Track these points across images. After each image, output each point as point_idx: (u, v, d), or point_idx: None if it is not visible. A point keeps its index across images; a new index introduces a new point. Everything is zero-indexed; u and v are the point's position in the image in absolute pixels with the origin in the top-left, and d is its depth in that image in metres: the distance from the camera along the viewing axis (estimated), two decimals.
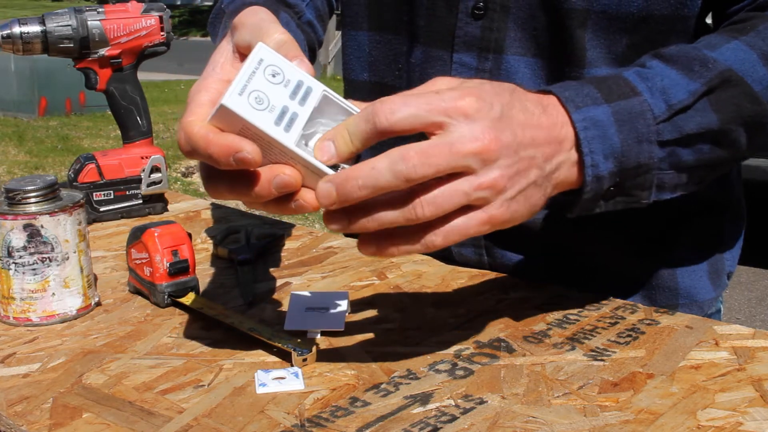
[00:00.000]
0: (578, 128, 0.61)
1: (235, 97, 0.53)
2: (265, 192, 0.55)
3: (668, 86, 0.64)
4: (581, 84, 0.64)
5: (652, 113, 0.63)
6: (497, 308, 0.75)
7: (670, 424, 0.55)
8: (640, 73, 0.65)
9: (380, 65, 0.87)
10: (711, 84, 0.64)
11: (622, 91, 0.63)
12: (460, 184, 0.55)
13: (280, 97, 0.55)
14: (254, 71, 0.54)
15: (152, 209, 1.08)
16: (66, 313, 0.74)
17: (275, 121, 0.54)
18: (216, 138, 0.54)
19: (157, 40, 1.07)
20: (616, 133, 0.62)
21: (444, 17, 0.79)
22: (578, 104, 0.62)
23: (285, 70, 0.56)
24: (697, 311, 0.83)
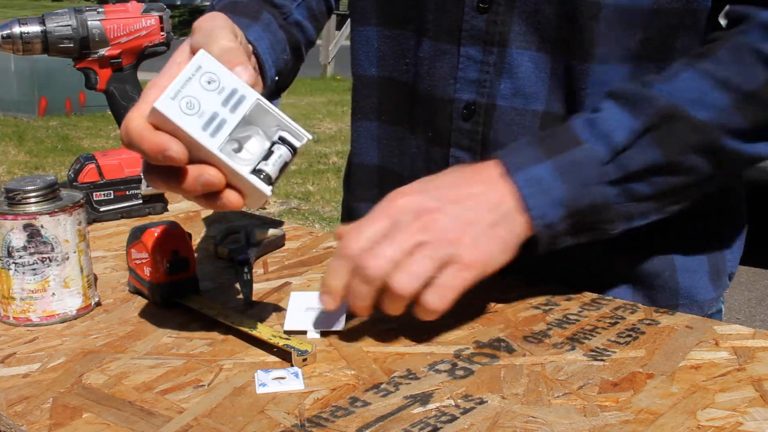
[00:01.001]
0: (520, 188, 0.68)
1: (167, 101, 0.58)
2: (191, 188, 0.61)
3: (612, 129, 0.69)
4: (526, 144, 0.71)
5: (597, 158, 0.69)
6: (497, 308, 0.75)
7: (670, 424, 0.55)
8: (587, 120, 0.71)
9: (389, 60, 0.88)
10: (652, 121, 0.69)
11: (565, 144, 0.70)
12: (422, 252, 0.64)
13: (212, 104, 0.59)
14: (190, 77, 0.59)
15: (152, 209, 1.08)
16: (66, 313, 0.74)
17: (203, 126, 0.59)
18: (149, 135, 0.59)
19: (157, 40, 1.07)
20: (560, 185, 0.68)
21: (451, 11, 0.80)
22: (520, 166, 0.69)
23: (221, 78, 0.60)
24: (697, 311, 0.83)
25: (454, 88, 0.81)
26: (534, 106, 0.78)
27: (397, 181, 0.90)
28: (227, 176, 0.61)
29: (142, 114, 0.60)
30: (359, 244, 0.65)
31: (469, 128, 0.81)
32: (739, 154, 0.71)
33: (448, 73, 0.81)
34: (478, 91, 0.80)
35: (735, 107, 0.69)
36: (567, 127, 0.71)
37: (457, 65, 0.80)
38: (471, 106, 0.80)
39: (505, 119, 0.79)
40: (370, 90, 0.90)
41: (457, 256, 0.65)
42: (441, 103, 0.82)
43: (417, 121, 0.86)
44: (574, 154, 0.69)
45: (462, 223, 0.66)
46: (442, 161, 0.84)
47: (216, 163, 0.60)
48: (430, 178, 0.70)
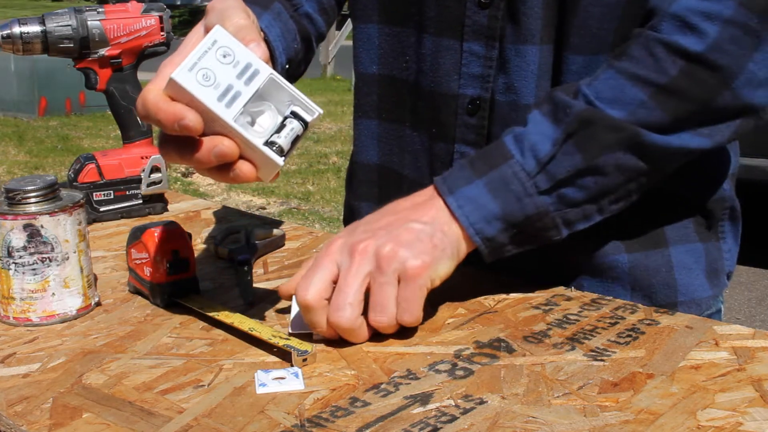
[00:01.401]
0: (452, 208, 0.71)
1: (184, 72, 0.60)
2: (205, 158, 0.62)
3: (537, 141, 0.71)
4: (460, 168, 0.73)
5: (525, 172, 0.71)
6: (497, 308, 0.75)
7: (670, 424, 0.55)
8: (516, 134, 0.73)
9: (389, 58, 0.88)
10: (570, 129, 0.71)
11: (495, 161, 0.72)
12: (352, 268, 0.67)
13: (227, 76, 0.61)
14: (206, 50, 0.61)
15: (152, 209, 1.08)
16: (66, 313, 0.74)
17: (218, 97, 0.60)
18: (165, 105, 0.60)
19: (157, 40, 1.07)
20: (492, 200, 0.71)
21: (453, 7, 0.80)
22: (452, 189, 0.72)
23: (236, 52, 0.62)
24: (696, 310, 0.83)
25: (458, 83, 0.82)
26: (524, 100, 0.79)
27: (396, 179, 0.90)
28: (241, 148, 0.62)
29: (158, 86, 0.62)
30: (314, 295, 0.67)
31: (475, 123, 0.81)
32: (664, 147, 0.72)
33: (452, 69, 0.82)
34: (482, 86, 0.80)
35: (652, 102, 0.70)
36: (498, 144, 0.73)
37: (460, 61, 0.81)
38: (476, 101, 0.81)
39: (502, 114, 0.80)
40: (370, 88, 0.90)
41: (403, 270, 0.67)
42: (445, 99, 0.83)
43: (420, 118, 0.86)
44: (503, 171, 0.71)
45: (394, 239, 0.68)
46: (446, 157, 0.84)
47: (230, 134, 0.61)
48: (359, 221, 0.73)
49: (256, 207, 4.82)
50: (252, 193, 5.14)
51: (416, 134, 0.87)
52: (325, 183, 5.35)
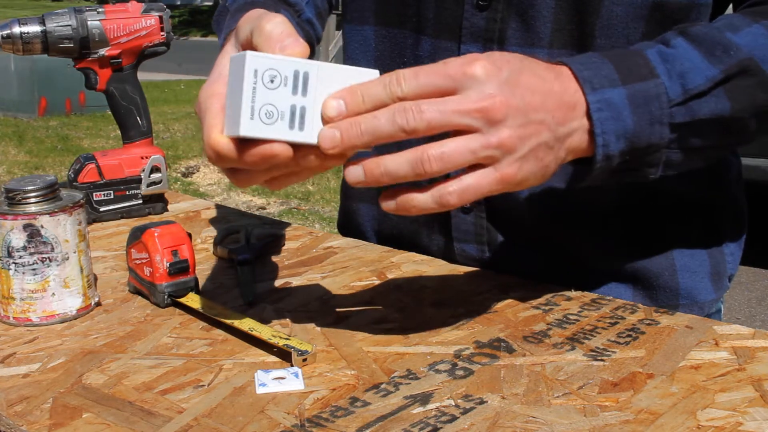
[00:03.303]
0: (592, 109, 0.63)
1: (248, 124, 0.57)
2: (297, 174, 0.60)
3: (687, 70, 0.65)
4: (601, 61, 0.65)
5: (667, 96, 0.65)
6: (497, 308, 0.75)
7: (670, 424, 0.55)
8: (662, 53, 0.66)
9: (385, 59, 0.88)
10: (729, 72, 0.66)
11: (641, 72, 0.65)
12: (468, 142, 0.58)
13: (285, 99, 0.58)
14: (254, 86, 0.57)
15: (152, 209, 1.08)
16: (66, 313, 0.74)
17: (289, 126, 0.58)
18: (247, 150, 0.57)
19: (157, 40, 1.07)
20: (630, 115, 0.64)
21: (451, 9, 0.80)
22: (594, 86, 0.63)
23: (279, 69, 0.58)
24: (697, 312, 0.83)
25: None
26: None
27: None
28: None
29: (221, 129, 0.58)
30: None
31: None
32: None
33: None
34: None
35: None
36: (639, 53, 0.66)
37: None
38: None
39: None
40: None
41: (498, 163, 0.59)
42: None
43: None
44: (648, 86, 0.64)
45: (524, 131, 0.59)
46: None
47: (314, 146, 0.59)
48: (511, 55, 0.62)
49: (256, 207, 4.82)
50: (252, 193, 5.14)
51: None
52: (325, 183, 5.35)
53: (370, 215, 0.95)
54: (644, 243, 0.82)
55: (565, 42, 0.76)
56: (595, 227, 0.82)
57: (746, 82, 0.66)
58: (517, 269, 0.83)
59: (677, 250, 0.83)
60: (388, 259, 0.88)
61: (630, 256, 0.82)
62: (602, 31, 0.74)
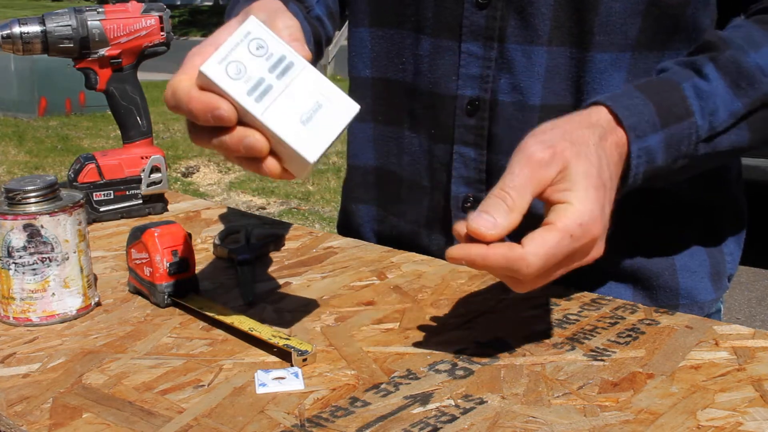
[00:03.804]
0: (632, 157, 0.66)
1: (213, 65, 0.58)
2: (235, 148, 0.59)
3: (716, 107, 0.68)
4: (644, 103, 0.67)
5: (696, 134, 0.68)
6: (497, 308, 0.75)
7: (670, 424, 0.55)
8: (697, 89, 0.68)
9: (382, 60, 0.88)
10: (753, 106, 0.68)
11: (679, 112, 0.68)
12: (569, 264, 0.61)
13: (259, 69, 0.59)
14: (239, 43, 0.59)
15: (152, 209, 1.08)
16: (66, 313, 0.74)
17: (248, 91, 0.58)
18: (197, 95, 0.58)
19: (157, 40, 1.07)
20: (662, 157, 0.67)
21: (451, 8, 0.80)
22: (638, 134, 0.66)
23: (270, 45, 0.59)
24: (697, 312, 0.83)
25: (456, 84, 0.81)
26: (531, 100, 0.78)
27: (395, 180, 0.90)
28: (271, 142, 0.59)
29: (188, 76, 0.60)
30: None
31: (474, 124, 0.81)
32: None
33: (450, 70, 0.82)
34: (481, 87, 0.80)
35: None
36: (677, 88, 0.68)
37: (458, 62, 0.81)
38: (475, 101, 0.81)
39: (505, 115, 0.80)
40: (364, 91, 0.90)
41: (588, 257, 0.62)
42: (444, 100, 0.83)
43: (418, 119, 0.86)
44: (682, 128, 0.67)
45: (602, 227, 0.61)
46: (445, 158, 0.84)
47: (260, 127, 0.59)
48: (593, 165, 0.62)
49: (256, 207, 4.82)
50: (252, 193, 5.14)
51: (415, 136, 0.87)
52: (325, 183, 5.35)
53: (370, 216, 0.95)
54: (644, 243, 0.82)
55: (564, 39, 0.76)
56: None
57: (766, 114, 0.69)
58: None
59: (677, 250, 0.83)
60: (388, 259, 0.88)
61: (630, 256, 0.82)
62: (601, 27, 0.75)
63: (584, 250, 0.61)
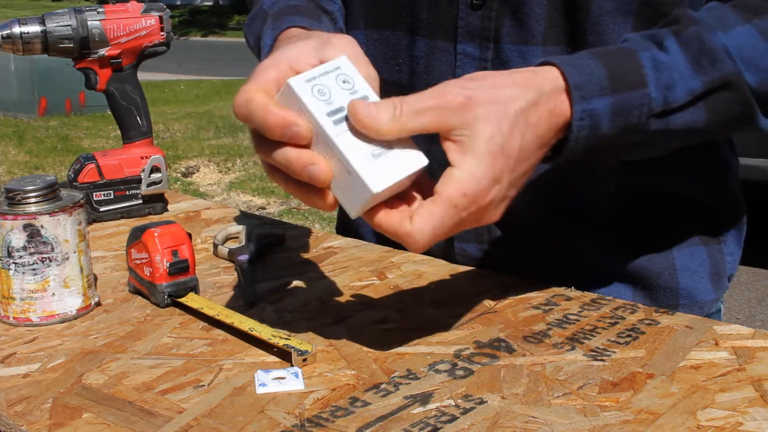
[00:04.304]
0: (574, 118, 0.64)
1: (301, 81, 0.58)
2: (298, 171, 0.58)
3: (673, 82, 0.65)
4: (595, 63, 0.65)
5: (648, 107, 0.65)
6: (497, 308, 0.75)
7: (670, 424, 0.55)
8: (655, 59, 0.66)
9: (378, 62, 0.88)
10: (712, 86, 0.66)
11: (632, 80, 0.65)
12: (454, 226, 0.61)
13: (342, 98, 0.59)
14: (327, 72, 0.60)
15: (152, 209, 1.08)
16: (66, 313, 0.74)
17: (328, 113, 0.58)
18: (276, 109, 0.58)
19: (157, 40, 1.07)
20: (608, 124, 0.65)
21: (446, 8, 0.80)
22: (584, 95, 0.64)
23: (356, 83, 0.61)
24: (697, 312, 0.83)
25: None
26: None
27: None
28: (335, 173, 0.59)
29: (263, 89, 0.59)
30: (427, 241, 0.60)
31: None
32: (754, 126, 0.69)
33: (446, 71, 0.82)
34: None
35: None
36: (633, 57, 0.66)
37: (454, 62, 0.81)
38: None
39: None
40: None
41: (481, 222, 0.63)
42: None
43: None
44: (634, 97, 0.65)
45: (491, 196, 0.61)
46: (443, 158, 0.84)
47: (329, 153, 0.58)
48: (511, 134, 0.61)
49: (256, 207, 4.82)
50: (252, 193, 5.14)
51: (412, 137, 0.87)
52: None
53: None
54: (644, 243, 0.82)
55: (558, 39, 0.77)
56: (595, 227, 0.82)
57: (726, 96, 0.66)
58: (517, 269, 0.83)
59: (677, 249, 0.83)
60: (388, 259, 0.88)
61: (630, 255, 0.82)
62: (593, 27, 0.75)
63: (473, 218, 0.61)
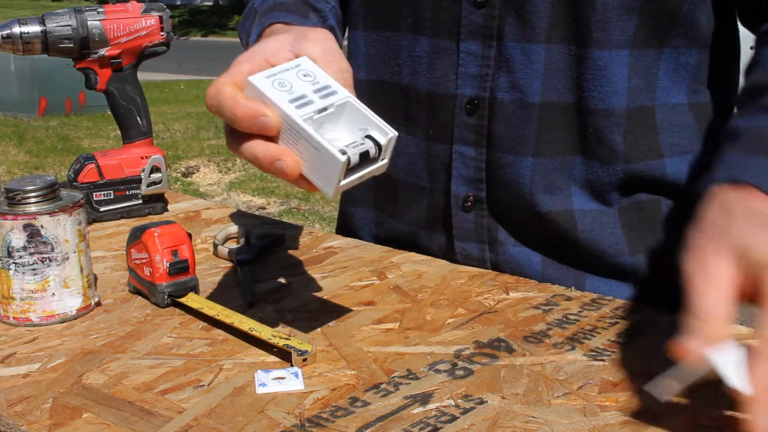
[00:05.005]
0: None
1: (261, 78, 0.60)
2: (266, 166, 0.59)
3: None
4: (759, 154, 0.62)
5: None
6: (497, 308, 0.75)
7: (670, 424, 0.55)
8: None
9: (377, 63, 0.88)
10: None
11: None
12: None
13: (303, 88, 0.61)
14: (288, 69, 0.62)
15: (152, 209, 1.08)
16: (66, 313, 0.74)
17: (290, 100, 0.59)
18: (244, 101, 0.59)
19: (157, 40, 1.07)
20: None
21: (449, 7, 0.81)
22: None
23: (318, 75, 0.62)
24: None
25: (455, 83, 0.82)
26: (530, 98, 0.79)
27: (392, 183, 0.90)
28: (305, 156, 0.59)
29: (235, 81, 0.60)
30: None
31: (474, 122, 0.81)
32: None
33: (449, 70, 0.82)
34: (480, 86, 0.80)
35: None
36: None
37: (457, 61, 0.81)
38: (474, 100, 0.81)
39: (505, 113, 0.80)
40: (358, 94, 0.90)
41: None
42: (443, 100, 0.83)
43: (415, 121, 0.86)
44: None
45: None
46: (445, 158, 0.84)
47: (300, 140, 0.59)
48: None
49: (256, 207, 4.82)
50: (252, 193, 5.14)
51: (411, 137, 0.87)
52: None
53: (367, 219, 0.96)
54: (644, 242, 0.82)
55: (561, 36, 0.77)
56: (595, 227, 0.82)
57: None
58: (517, 269, 0.83)
59: (677, 249, 0.83)
60: (388, 259, 0.88)
61: (630, 255, 0.82)
62: (597, 24, 0.75)
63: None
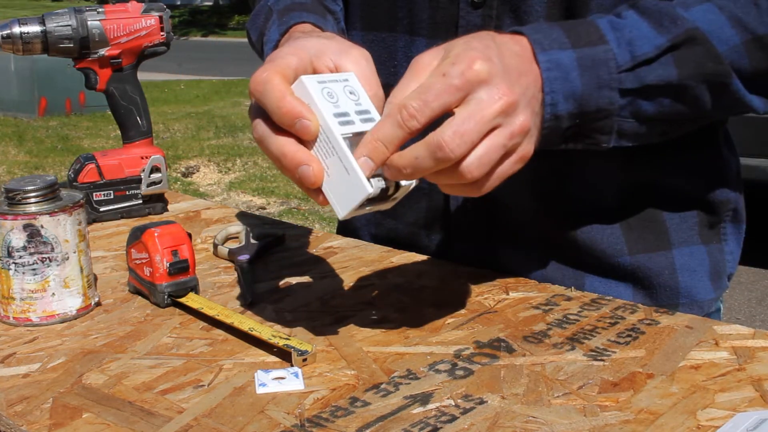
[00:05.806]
0: (542, 69, 0.65)
1: (313, 80, 0.61)
2: (290, 168, 0.60)
3: (636, 38, 0.67)
4: (551, 27, 0.67)
5: (615, 62, 0.67)
6: (497, 308, 0.75)
7: (670, 424, 0.55)
8: (612, 22, 0.68)
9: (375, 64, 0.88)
10: (676, 40, 0.67)
11: (591, 38, 0.67)
12: (497, 140, 0.59)
13: (348, 106, 0.62)
14: (337, 80, 0.63)
15: (152, 209, 1.08)
16: (66, 313, 0.74)
17: (335, 114, 0.60)
18: (293, 98, 0.59)
19: (157, 40, 1.07)
20: (578, 77, 0.66)
21: (446, 8, 0.81)
22: (544, 47, 0.65)
23: (361, 97, 0.63)
24: (697, 311, 0.83)
25: None
26: None
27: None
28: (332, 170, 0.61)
29: (281, 72, 0.60)
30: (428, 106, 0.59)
31: None
32: (739, 98, 0.70)
33: None
34: None
35: (743, 48, 0.68)
36: (591, 23, 0.69)
37: None
38: None
39: None
40: None
41: (520, 147, 0.62)
42: None
43: None
44: (597, 51, 0.66)
45: (530, 110, 0.62)
46: None
47: (332, 155, 0.60)
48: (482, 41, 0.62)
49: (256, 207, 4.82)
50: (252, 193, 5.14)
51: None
52: None
53: (366, 219, 0.96)
54: (644, 242, 0.82)
55: None
56: (595, 227, 0.82)
57: (693, 50, 0.68)
58: (517, 269, 0.83)
59: (677, 249, 0.83)
60: (388, 259, 0.88)
61: (630, 255, 0.82)
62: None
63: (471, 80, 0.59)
